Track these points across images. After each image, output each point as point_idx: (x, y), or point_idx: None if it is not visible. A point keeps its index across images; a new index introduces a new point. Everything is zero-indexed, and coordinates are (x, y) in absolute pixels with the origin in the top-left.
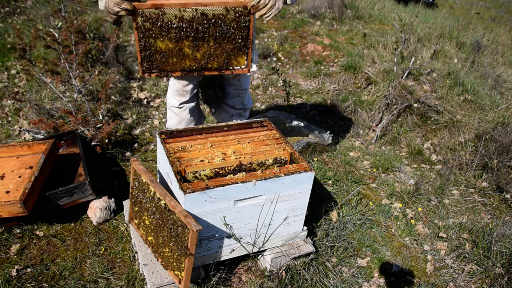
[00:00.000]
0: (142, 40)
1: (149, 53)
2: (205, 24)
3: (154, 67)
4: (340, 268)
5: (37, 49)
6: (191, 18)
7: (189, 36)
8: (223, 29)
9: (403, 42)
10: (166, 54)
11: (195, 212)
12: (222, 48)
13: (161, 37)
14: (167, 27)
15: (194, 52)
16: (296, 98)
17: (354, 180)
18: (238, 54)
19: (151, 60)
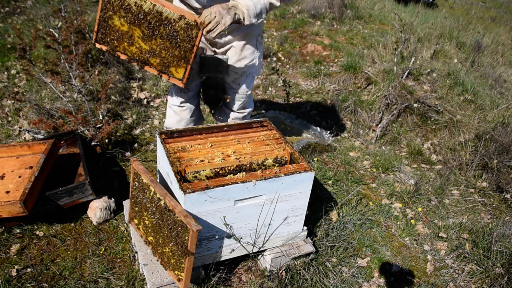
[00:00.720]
0: (103, 11)
1: (105, 25)
2: (157, 21)
3: (107, 41)
4: (340, 268)
5: (37, 49)
6: (148, 11)
7: (142, 26)
8: (171, 33)
9: (403, 42)
10: (119, 34)
11: (195, 212)
12: (166, 50)
13: (119, 16)
14: (126, 9)
15: (142, 43)
16: (296, 98)
17: (354, 180)
18: (179, 64)
19: (105, 33)
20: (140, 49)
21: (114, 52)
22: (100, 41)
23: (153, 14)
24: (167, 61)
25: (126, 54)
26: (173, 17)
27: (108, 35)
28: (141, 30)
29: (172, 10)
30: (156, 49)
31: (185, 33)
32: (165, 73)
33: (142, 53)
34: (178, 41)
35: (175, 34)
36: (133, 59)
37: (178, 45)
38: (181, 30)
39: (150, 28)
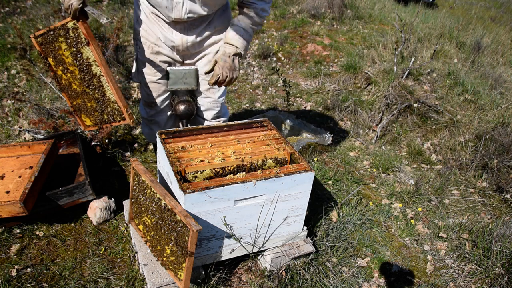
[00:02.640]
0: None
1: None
2: (89, 78)
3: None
4: (340, 268)
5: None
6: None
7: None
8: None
9: (403, 42)
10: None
11: (195, 212)
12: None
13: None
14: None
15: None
16: (296, 98)
17: (354, 180)
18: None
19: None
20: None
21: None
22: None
23: (86, 69)
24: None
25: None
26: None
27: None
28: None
29: (110, 82)
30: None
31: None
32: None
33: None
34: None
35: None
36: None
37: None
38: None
39: (84, 77)
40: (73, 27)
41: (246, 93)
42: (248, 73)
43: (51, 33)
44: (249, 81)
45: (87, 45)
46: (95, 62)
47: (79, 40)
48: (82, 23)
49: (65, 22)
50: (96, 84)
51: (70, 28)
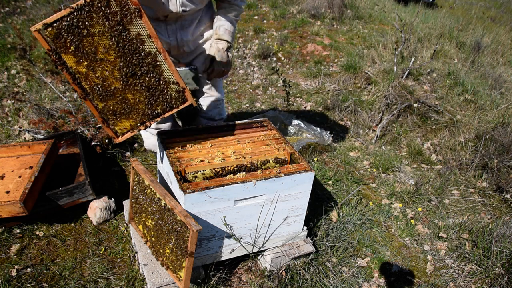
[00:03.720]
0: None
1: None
2: (139, 62)
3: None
4: (340, 268)
5: (37, 49)
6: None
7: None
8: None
9: (403, 42)
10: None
11: (195, 212)
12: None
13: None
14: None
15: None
16: (296, 98)
17: (354, 180)
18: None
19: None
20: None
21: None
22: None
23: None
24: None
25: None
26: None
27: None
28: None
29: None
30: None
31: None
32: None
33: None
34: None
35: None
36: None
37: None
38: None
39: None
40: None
41: (246, 93)
42: (248, 73)
43: (76, 14)
44: (249, 81)
45: (139, 17)
46: (149, 36)
47: (127, 12)
48: None
49: None
50: (150, 66)
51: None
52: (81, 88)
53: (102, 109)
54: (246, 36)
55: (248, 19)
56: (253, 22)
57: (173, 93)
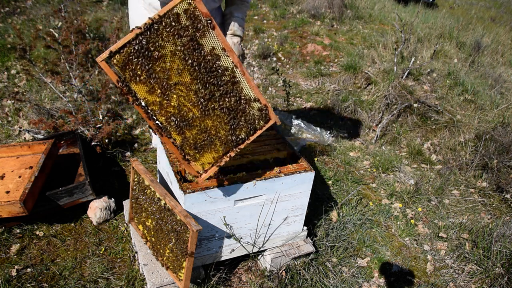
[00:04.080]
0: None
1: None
2: (217, 81)
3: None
4: (340, 268)
5: (37, 49)
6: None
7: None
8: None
9: (403, 42)
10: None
11: (195, 212)
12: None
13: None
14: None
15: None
16: (296, 98)
17: (354, 180)
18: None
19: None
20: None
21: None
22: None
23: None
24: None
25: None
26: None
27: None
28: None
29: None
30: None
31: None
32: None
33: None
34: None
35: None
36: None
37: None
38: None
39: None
40: (186, 9)
41: None
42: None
43: (144, 35)
44: None
45: (211, 29)
46: (224, 50)
47: (199, 24)
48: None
49: (170, 7)
50: (228, 84)
51: (181, 13)
52: (156, 123)
53: (181, 144)
54: (246, 36)
55: (248, 19)
56: (253, 22)
57: (256, 112)
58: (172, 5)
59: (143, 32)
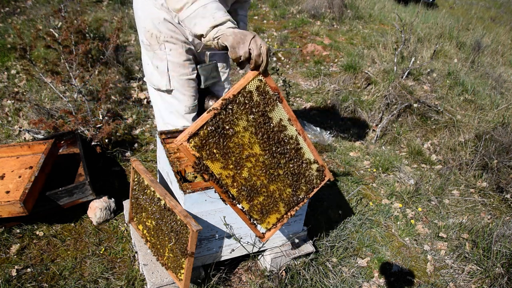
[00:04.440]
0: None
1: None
2: (283, 149)
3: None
4: (340, 268)
5: (37, 49)
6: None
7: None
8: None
9: (403, 42)
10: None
11: (195, 212)
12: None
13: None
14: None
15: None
16: (296, 98)
17: (354, 180)
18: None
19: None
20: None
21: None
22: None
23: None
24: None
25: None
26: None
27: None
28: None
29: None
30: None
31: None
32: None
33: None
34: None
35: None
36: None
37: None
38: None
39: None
40: (258, 86)
41: None
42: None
43: (220, 115)
44: None
45: (280, 102)
46: (289, 120)
47: (269, 100)
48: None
49: (243, 85)
50: (292, 151)
51: (253, 91)
52: (229, 195)
53: (249, 211)
54: None
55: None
56: (253, 22)
57: (314, 172)
58: (245, 83)
59: (219, 112)
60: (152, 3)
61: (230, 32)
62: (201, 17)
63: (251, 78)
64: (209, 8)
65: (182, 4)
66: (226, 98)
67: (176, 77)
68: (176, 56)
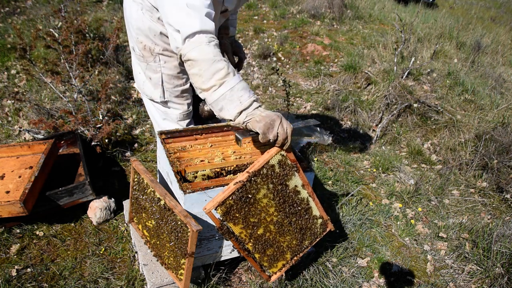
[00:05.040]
0: None
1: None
2: (295, 210)
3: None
4: (340, 268)
5: (37, 49)
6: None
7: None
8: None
9: (403, 42)
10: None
11: (195, 212)
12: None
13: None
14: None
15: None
16: (296, 98)
17: (354, 180)
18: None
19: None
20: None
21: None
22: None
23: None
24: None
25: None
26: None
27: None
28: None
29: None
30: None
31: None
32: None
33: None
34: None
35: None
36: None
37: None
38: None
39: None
40: (280, 160)
41: None
42: (248, 73)
43: (245, 186)
44: (249, 81)
45: (297, 172)
46: (303, 186)
47: (287, 171)
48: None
49: (267, 160)
50: (302, 210)
51: (275, 164)
52: (245, 249)
53: (260, 260)
54: (246, 36)
55: (248, 19)
56: (253, 22)
57: (318, 225)
58: (268, 158)
59: (245, 184)
60: (148, 17)
61: (259, 117)
62: (229, 100)
63: (274, 154)
64: (236, 90)
65: (209, 85)
66: (251, 171)
67: (170, 89)
68: (171, 69)
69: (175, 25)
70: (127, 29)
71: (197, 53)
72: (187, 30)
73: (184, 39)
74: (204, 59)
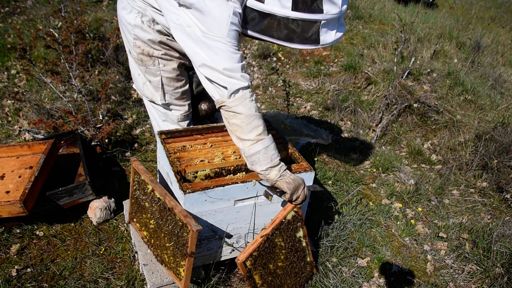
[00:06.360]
0: None
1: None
2: (298, 256)
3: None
4: (340, 268)
5: (37, 49)
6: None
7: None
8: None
9: (403, 42)
10: None
11: (195, 212)
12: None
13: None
14: None
15: None
16: (296, 98)
17: (354, 180)
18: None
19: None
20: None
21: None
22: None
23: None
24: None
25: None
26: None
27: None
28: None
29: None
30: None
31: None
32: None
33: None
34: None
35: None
36: None
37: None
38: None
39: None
40: (294, 215)
41: None
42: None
43: (270, 238)
44: None
45: (303, 224)
46: (305, 237)
47: (298, 224)
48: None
49: (284, 216)
50: (301, 257)
51: (290, 219)
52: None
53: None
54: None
55: None
56: None
57: (308, 270)
58: (286, 214)
59: (270, 236)
60: (147, 27)
61: (289, 179)
62: (263, 157)
63: (290, 209)
64: (270, 149)
65: (247, 138)
66: (275, 225)
67: (171, 91)
68: (170, 71)
69: (219, 82)
70: (121, 31)
71: (242, 108)
72: (233, 87)
73: (230, 94)
74: (247, 114)
